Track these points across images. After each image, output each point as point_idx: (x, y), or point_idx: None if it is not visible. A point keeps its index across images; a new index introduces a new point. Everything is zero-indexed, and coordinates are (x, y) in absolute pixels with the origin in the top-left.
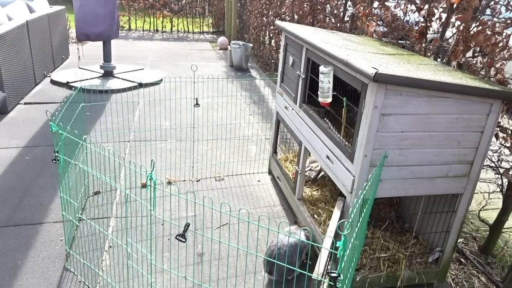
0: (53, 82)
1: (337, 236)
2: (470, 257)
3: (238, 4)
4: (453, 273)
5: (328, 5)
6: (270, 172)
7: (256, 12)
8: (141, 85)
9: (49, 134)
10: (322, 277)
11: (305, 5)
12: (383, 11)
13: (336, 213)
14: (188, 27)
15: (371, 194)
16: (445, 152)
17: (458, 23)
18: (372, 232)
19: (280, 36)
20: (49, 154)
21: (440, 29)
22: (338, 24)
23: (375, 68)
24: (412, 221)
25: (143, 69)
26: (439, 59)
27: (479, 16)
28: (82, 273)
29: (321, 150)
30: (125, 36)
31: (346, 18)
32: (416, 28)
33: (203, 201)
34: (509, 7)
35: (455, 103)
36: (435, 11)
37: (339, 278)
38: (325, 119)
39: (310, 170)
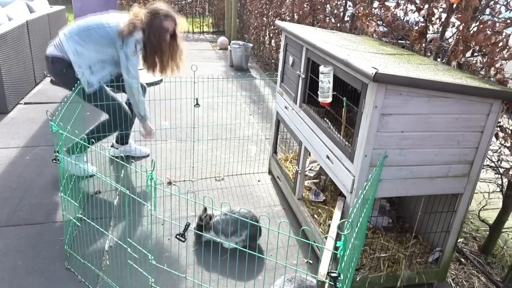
0: (53, 82)
1: (337, 236)
2: (470, 257)
3: (238, 4)
4: (453, 273)
5: (328, 5)
6: (270, 172)
7: (256, 12)
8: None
9: (49, 134)
10: (325, 278)
11: (305, 5)
12: (383, 11)
13: (337, 213)
14: (188, 27)
15: (371, 194)
16: (445, 152)
17: (458, 23)
18: (373, 232)
19: (280, 36)
20: (49, 154)
21: (440, 29)
22: (338, 24)
23: (375, 68)
24: (412, 221)
25: (143, 69)
26: (439, 59)
27: (479, 16)
28: (82, 273)
29: (321, 150)
30: None
31: (346, 18)
32: (416, 28)
33: (203, 201)
34: (509, 7)
35: (455, 103)
36: (435, 11)
37: (339, 278)
38: (325, 119)
39: (310, 170)
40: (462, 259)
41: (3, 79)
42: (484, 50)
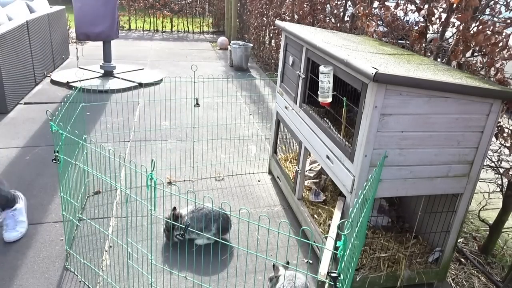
0: (53, 82)
1: (337, 236)
2: (470, 257)
3: (238, 4)
4: (453, 273)
5: (328, 5)
6: (270, 172)
7: (256, 12)
8: (141, 85)
9: (49, 134)
10: (326, 278)
11: (305, 5)
12: (383, 11)
13: (337, 213)
14: (188, 27)
15: (371, 194)
16: (445, 152)
17: (458, 23)
18: (373, 232)
19: (280, 36)
20: (49, 154)
21: (440, 29)
22: (338, 24)
23: (375, 68)
24: (412, 221)
25: (143, 69)
26: (439, 59)
27: (479, 16)
28: (82, 273)
29: (321, 150)
30: (125, 36)
31: (346, 18)
32: (416, 28)
33: (203, 201)
34: (509, 7)
35: (455, 103)
36: (435, 11)
37: (339, 278)
38: (325, 119)
39: (310, 170)
40: (462, 259)
41: (3, 79)
42: (484, 50)
